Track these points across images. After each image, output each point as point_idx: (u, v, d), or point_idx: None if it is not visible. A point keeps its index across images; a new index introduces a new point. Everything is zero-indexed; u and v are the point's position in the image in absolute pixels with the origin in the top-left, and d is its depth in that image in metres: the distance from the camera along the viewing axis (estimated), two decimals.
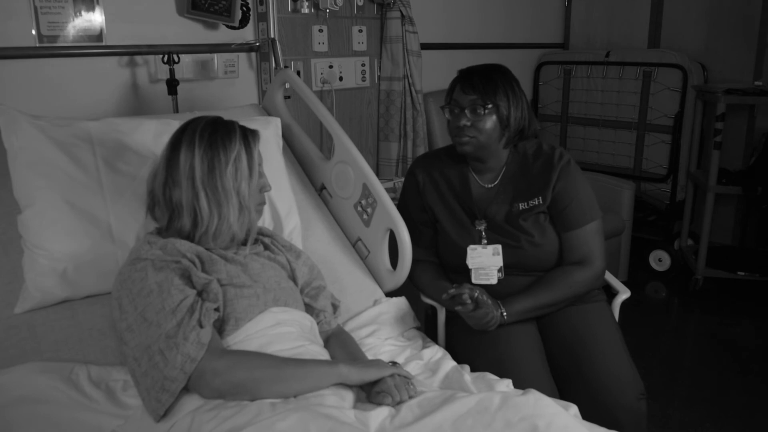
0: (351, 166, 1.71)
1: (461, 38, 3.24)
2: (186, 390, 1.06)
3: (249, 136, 1.24)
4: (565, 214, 1.56)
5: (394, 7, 2.65)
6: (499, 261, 1.56)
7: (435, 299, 1.62)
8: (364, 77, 2.75)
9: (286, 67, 2.14)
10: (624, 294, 1.66)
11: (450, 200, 1.64)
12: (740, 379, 2.40)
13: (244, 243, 1.28)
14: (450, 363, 1.39)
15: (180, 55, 2.04)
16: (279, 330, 1.19)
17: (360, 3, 2.66)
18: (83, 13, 1.86)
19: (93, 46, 1.90)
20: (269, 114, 1.91)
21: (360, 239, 1.74)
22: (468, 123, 1.53)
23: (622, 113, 3.40)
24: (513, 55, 3.45)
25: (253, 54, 2.33)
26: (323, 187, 1.85)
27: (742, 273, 3.02)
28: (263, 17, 2.26)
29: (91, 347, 1.29)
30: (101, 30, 1.91)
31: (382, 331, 1.53)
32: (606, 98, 3.46)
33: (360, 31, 2.68)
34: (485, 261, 1.57)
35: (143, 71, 2.04)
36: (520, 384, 1.29)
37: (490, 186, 1.63)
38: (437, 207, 1.65)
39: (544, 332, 1.55)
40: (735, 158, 3.37)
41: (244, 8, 2.21)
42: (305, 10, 2.45)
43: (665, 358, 2.58)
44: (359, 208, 1.71)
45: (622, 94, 3.39)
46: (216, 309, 1.13)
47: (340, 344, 1.34)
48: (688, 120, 3.24)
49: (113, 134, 1.46)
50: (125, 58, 1.99)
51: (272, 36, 2.25)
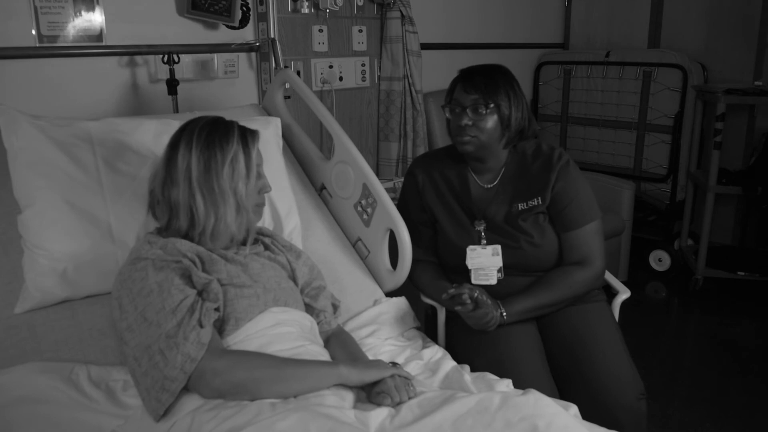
0: (351, 166, 1.71)
1: (461, 38, 3.24)
2: (186, 390, 1.06)
3: (248, 136, 1.23)
4: (565, 215, 1.56)
5: (394, 7, 2.65)
6: (499, 261, 1.56)
7: (435, 299, 1.62)
8: (364, 77, 2.75)
9: (286, 67, 2.14)
10: (624, 294, 1.66)
11: (449, 200, 1.64)
12: (740, 379, 2.40)
13: (244, 243, 1.28)
14: (450, 363, 1.39)
15: (180, 55, 2.04)
16: (279, 330, 1.19)
17: (360, 3, 2.66)
18: (83, 13, 1.86)
19: (93, 46, 1.90)
20: (269, 114, 1.91)
21: (360, 239, 1.74)
22: (469, 122, 1.53)
23: (622, 113, 3.40)
24: (513, 55, 3.45)
25: (253, 54, 2.33)
26: (323, 187, 1.85)
27: (742, 273, 3.02)
28: (263, 17, 2.26)
29: (91, 347, 1.29)
30: (101, 30, 1.91)
31: (382, 331, 1.53)
32: (606, 98, 3.46)
33: (360, 31, 2.68)
34: (485, 261, 1.57)
35: (143, 71, 2.04)
36: (520, 384, 1.29)
37: (490, 186, 1.63)
38: (436, 207, 1.65)
39: (544, 332, 1.55)
40: (735, 158, 3.36)
41: (244, 8, 2.21)
42: (305, 10, 2.45)
43: (665, 358, 2.57)
44: (359, 208, 1.71)
45: (622, 94, 3.39)
46: (216, 309, 1.13)
47: (341, 344, 1.34)
48: (688, 120, 3.24)
49: (113, 134, 1.46)
50: (125, 58, 1.99)
51: (272, 36, 2.25)
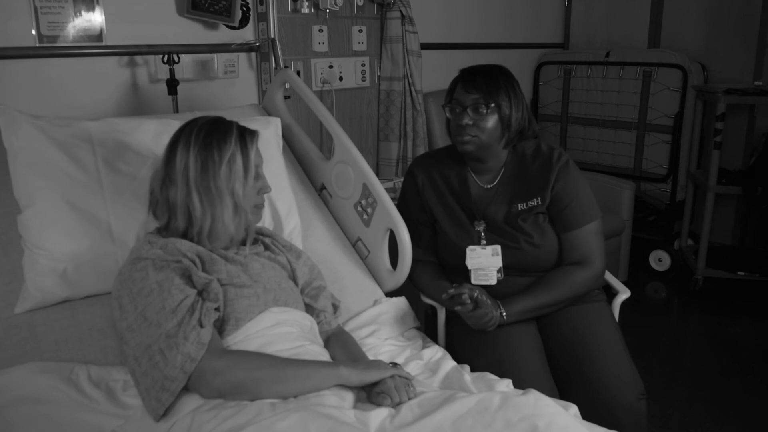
0: (351, 166, 1.71)
1: (461, 38, 3.24)
2: (186, 390, 1.06)
3: (246, 137, 1.23)
4: (565, 215, 1.56)
5: (394, 7, 2.65)
6: (499, 261, 1.56)
7: (435, 299, 1.62)
8: (364, 77, 2.74)
9: (286, 67, 2.14)
10: (624, 294, 1.66)
11: (449, 201, 1.64)
12: (740, 379, 2.40)
13: (244, 243, 1.28)
14: (450, 363, 1.39)
15: (180, 55, 2.03)
16: (279, 330, 1.19)
17: (360, 3, 2.66)
18: (83, 13, 1.86)
19: (93, 46, 1.90)
20: (269, 114, 1.91)
21: (360, 239, 1.74)
22: (470, 122, 1.53)
23: (622, 113, 3.40)
24: (513, 55, 3.45)
25: (253, 54, 2.33)
26: (323, 187, 1.85)
27: (742, 273, 3.02)
28: (263, 17, 2.26)
29: (91, 347, 1.29)
30: (101, 30, 1.91)
31: (382, 331, 1.53)
32: (606, 98, 3.46)
33: (360, 31, 2.68)
34: (484, 262, 1.57)
35: (143, 71, 2.04)
36: (520, 384, 1.29)
37: (489, 186, 1.63)
38: (436, 207, 1.65)
39: (544, 332, 1.55)
40: (735, 158, 3.36)
41: (244, 8, 2.21)
42: (305, 10, 2.45)
43: (665, 358, 2.57)
44: (359, 208, 1.71)
45: (622, 94, 3.39)
46: (216, 309, 1.14)
47: (341, 344, 1.34)
48: (688, 120, 3.24)
49: (113, 134, 1.46)
50: (125, 58, 1.99)
51: (272, 36, 2.25)
